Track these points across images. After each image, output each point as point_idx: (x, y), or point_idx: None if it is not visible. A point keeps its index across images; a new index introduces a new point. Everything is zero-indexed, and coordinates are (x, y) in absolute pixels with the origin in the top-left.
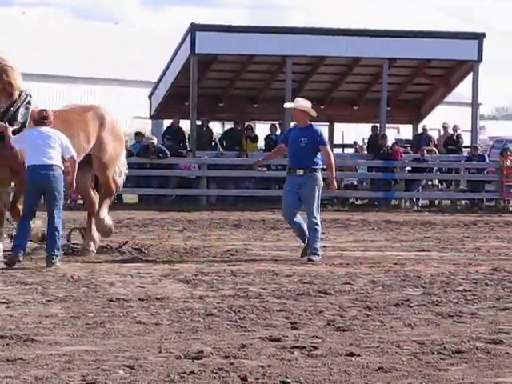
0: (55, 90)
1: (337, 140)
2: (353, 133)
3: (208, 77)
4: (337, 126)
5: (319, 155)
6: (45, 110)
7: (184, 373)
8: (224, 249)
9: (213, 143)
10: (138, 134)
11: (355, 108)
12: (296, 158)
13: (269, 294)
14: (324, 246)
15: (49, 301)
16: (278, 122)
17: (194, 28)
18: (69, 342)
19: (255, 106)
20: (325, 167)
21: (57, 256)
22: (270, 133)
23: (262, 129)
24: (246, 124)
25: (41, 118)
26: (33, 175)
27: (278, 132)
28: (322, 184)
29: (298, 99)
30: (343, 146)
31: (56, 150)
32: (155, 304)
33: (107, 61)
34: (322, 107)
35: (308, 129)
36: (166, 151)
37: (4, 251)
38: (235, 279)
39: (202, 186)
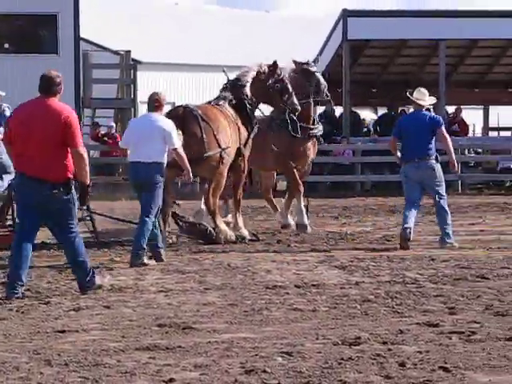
0: (208, 79)
1: (492, 123)
2: (508, 115)
3: (360, 62)
4: (492, 109)
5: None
6: (156, 93)
7: (342, 359)
8: (380, 235)
9: (365, 129)
10: None
11: (510, 90)
12: None
13: (425, 280)
14: (481, 230)
15: (206, 289)
16: (432, 106)
17: (346, 14)
18: (227, 330)
19: (409, 90)
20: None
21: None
22: None
23: None
24: (400, 109)
25: (152, 102)
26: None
27: None
28: None
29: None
30: (498, 129)
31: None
32: (312, 291)
33: (260, 49)
34: (477, 90)
35: None
36: (320, 138)
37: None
38: (391, 265)
39: (356, 172)
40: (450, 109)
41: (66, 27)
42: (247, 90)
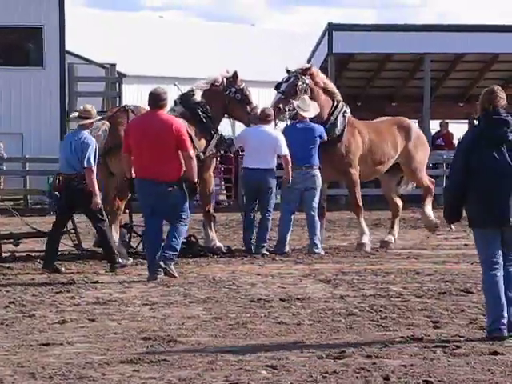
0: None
1: None
2: None
3: (345, 76)
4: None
5: None
6: (268, 108)
7: (326, 373)
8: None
9: None
10: None
11: None
12: None
13: (410, 293)
14: (465, 245)
15: (191, 302)
16: (416, 121)
17: (332, 28)
18: (211, 343)
19: (393, 104)
20: None
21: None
22: None
23: None
24: None
25: (264, 117)
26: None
27: None
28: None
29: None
30: None
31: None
32: (296, 304)
33: (246, 63)
34: (461, 105)
35: None
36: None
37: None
38: (376, 278)
39: (340, 185)
40: (435, 123)
41: (51, 40)
42: (197, 97)
